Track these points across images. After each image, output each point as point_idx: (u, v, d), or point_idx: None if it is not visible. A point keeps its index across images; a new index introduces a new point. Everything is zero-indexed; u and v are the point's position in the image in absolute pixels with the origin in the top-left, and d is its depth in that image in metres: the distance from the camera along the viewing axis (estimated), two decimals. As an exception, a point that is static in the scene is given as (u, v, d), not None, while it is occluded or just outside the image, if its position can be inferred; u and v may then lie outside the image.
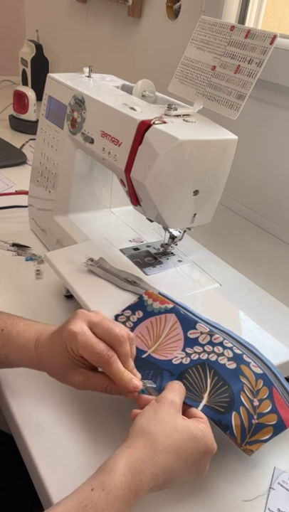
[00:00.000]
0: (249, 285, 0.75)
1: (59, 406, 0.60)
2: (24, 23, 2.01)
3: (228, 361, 0.56)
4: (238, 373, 0.55)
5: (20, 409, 0.59)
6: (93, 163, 0.83)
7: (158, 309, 0.63)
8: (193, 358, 0.57)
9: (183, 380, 0.54)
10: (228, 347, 0.57)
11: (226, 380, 0.54)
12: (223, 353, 0.57)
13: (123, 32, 1.34)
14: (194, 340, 0.59)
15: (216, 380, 0.54)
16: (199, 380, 0.54)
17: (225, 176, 0.66)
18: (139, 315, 0.62)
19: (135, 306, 0.63)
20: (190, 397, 0.53)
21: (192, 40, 0.71)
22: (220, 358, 0.56)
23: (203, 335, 0.59)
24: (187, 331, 0.60)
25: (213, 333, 0.59)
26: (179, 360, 0.57)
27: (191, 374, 0.55)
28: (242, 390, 0.53)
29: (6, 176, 1.18)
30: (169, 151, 0.59)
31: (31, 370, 0.64)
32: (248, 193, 0.91)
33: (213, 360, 0.56)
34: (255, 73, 0.62)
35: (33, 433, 0.56)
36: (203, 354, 0.57)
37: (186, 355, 0.57)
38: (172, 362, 0.57)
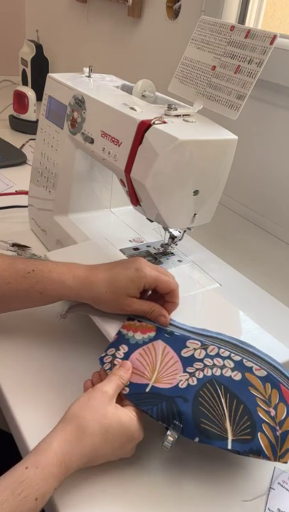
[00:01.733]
0: (249, 285, 0.75)
1: (59, 406, 0.60)
2: (24, 23, 2.00)
3: (232, 372, 0.55)
4: (247, 385, 0.54)
5: (20, 409, 0.59)
6: (93, 163, 0.83)
7: (142, 340, 0.60)
8: (198, 377, 0.55)
9: (200, 406, 0.53)
10: (226, 356, 0.57)
11: (239, 397, 0.53)
12: (224, 364, 0.56)
13: (123, 32, 1.34)
14: (191, 357, 0.57)
15: (229, 397, 0.53)
16: (214, 402, 0.53)
17: (225, 176, 0.66)
18: (124, 349, 0.59)
19: (117, 341, 0.60)
20: (215, 432, 0.51)
21: (192, 40, 0.71)
22: (224, 371, 0.55)
23: (197, 350, 0.58)
24: (180, 351, 0.58)
25: (206, 346, 0.58)
26: (185, 383, 0.55)
27: (204, 397, 0.53)
28: (257, 405, 0.53)
29: (6, 176, 1.18)
30: (169, 151, 0.59)
31: (30, 371, 0.64)
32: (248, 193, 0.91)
33: (218, 375, 0.55)
34: (255, 73, 0.62)
35: (33, 433, 0.56)
36: (207, 370, 0.55)
37: (189, 375, 0.55)
38: (179, 387, 0.54)
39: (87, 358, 0.67)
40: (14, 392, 0.61)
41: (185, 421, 0.52)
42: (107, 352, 0.59)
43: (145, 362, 0.57)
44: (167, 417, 0.52)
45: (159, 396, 0.54)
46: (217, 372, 0.55)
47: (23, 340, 0.69)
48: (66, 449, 0.48)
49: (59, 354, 0.68)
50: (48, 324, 0.73)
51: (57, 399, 0.61)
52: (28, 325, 0.72)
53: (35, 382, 0.63)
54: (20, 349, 0.68)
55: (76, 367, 0.66)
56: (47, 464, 0.46)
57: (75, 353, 0.68)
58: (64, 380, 0.64)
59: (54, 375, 0.64)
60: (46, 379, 0.64)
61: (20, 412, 0.58)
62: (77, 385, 0.63)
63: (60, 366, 0.66)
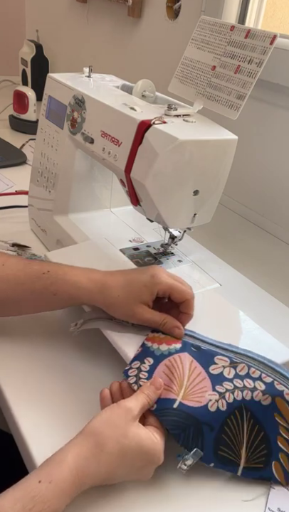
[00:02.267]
0: (249, 285, 0.75)
1: (59, 406, 0.60)
2: (24, 23, 2.00)
3: (262, 396, 0.53)
4: (274, 411, 0.53)
5: (20, 409, 0.59)
6: (93, 163, 0.83)
7: (167, 351, 0.57)
8: (228, 400, 0.53)
9: (223, 435, 0.52)
10: (257, 377, 0.54)
11: (262, 424, 0.53)
12: (255, 386, 0.54)
13: (123, 32, 1.34)
14: (220, 376, 0.55)
15: (252, 424, 0.53)
16: (237, 429, 0.53)
17: (225, 176, 0.66)
18: (150, 362, 0.56)
19: (142, 354, 0.57)
20: (227, 459, 0.52)
21: (192, 40, 0.71)
22: (255, 394, 0.53)
23: (226, 368, 0.55)
24: (208, 368, 0.55)
25: (235, 364, 0.55)
26: (215, 404, 0.53)
27: (229, 425, 0.53)
28: (278, 434, 0.52)
29: (6, 176, 1.18)
30: (169, 151, 0.59)
31: (30, 371, 0.64)
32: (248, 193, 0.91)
33: (248, 399, 0.53)
34: (255, 73, 0.62)
35: (33, 433, 0.56)
36: (237, 393, 0.53)
37: (219, 395, 0.53)
38: (208, 408, 0.52)
39: (88, 360, 0.67)
40: (14, 392, 0.61)
41: (206, 449, 0.52)
42: (131, 365, 0.57)
43: (172, 375, 0.55)
44: (191, 443, 0.52)
45: (187, 417, 0.52)
46: (248, 395, 0.53)
47: (24, 341, 0.69)
48: (81, 465, 0.46)
49: (60, 355, 0.67)
50: (49, 325, 0.73)
51: (57, 399, 0.61)
52: (30, 326, 0.72)
53: (36, 383, 0.63)
54: (21, 350, 0.68)
55: (77, 368, 0.66)
56: (60, 479, 0.44)
57: (76, 354, 0.68)
58: (64, 381, 0.64)
59: (54, 375, 0.64)
60: (46, 379, 0.64)
61: (21, 412, 0.58)
62: (78, 385, 0.63)
63: (60, 367, 0.66)
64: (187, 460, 0.51)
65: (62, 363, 0.66)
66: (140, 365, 0.56)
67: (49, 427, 0.57)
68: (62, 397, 0.61)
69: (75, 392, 0.62)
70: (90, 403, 0.60)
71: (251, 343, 0.60)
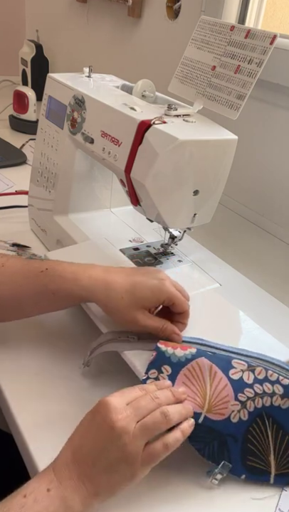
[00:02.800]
0: (249, 285, 0.75)
1: (59, 406, 0.60)
2: (24, 23, 2.00)
3: (281, 400, 0.53)
4: None
5: (20, 409, 0.59)
6: (93, 163, 0.83)
7: (184, 357, 0.55)
8: (249, 410, 0.53)
9: (248, 444, 0.52)
10: (274, 380, 0.54)
11: (285, 428, 0.53)
12: (274, 391, 0.54)
13: (123, 32, 1.34)
14: (240, 381, 0.54)
15: (276, 429, 0.53)
16: (261, 437, 0.53)
17: (225, 176, 0.66)
18: (168, 371, 0.54)
19: (157, 361, 0.55)
20: (258, 468, 0.52)
21: (192, 40, 0.71)
22: (274, 399, 0.53)
23: (245, 372, 0.54)
24: (228, 371, 0.54)
25: (253, 368, 0.54)
26: (237, 416, 0.53)
27: (253, 434, 0.53)
28: None
29: (6, 176, 1.18)
30: (169, 151, 0.59)
31: (30, 371, 0.64)
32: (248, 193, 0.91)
33: (268, 405, 0.53)
34: (255, 73, 0.62)
35: (33, 433, 0.56)
36: (258, 400, 0.53)
37: (241, 405, 0.53)
38: (231, 420, 0.52)
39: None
40: (14, 392, 0.61)
41: (234, 461, 0.52)
42: (148, 374, 0.54)
43: (194, 385, 0.53)
44: (217, 456, 0.52)
45: (211, 431, 0.52)
46: (267, 402, 0.53)
47: (23, 342, 0.69)
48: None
49: (59, 354, 0.68)
50: (48, 325, 0.73)
51: (57, 399, 0.61)
52: (30, 326, 0.72)
53: (36, 383, 0.63)
54: (21, 350, 0.68)
55: (76, 367, 0.66)
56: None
57: (75, 354, 0.68)
58: (64, 381, 0.64)
59: (54, 375, 0.64)
60: (46, 379, 0.64)
61: (21, 412, 0.58)
62: (78, 385, 0.63)
63: (60, 366, 0.66)
64: (217, 474, 0.51)
65: (62, 363, 0.66)
66: (158, 374, 0.54)
67: (49, 427, 0.57)
68: (62, 397, 0.61)
69: (75, 392, 0.62)
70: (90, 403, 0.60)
71: (251, 343, 0.60)
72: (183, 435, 0.49)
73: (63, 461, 0.47)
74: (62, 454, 0.48)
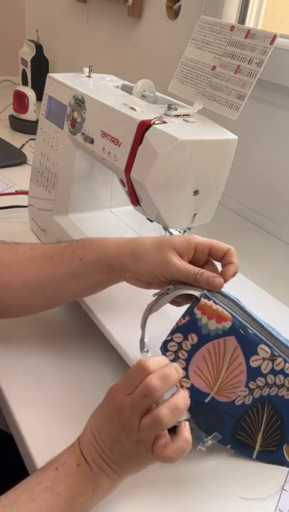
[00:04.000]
0: (249, 285, 0.75)
1: (59, 406, 0.60)
2: (24, 23, 2.01)
3: (287, 391, 0.53)
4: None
5: (20, 409, 0.59)
6: (93, 163, 0.83)
7: (215, 331, 0.52)
8: (255, 396, 0.53)
9: (242, 422, 0.53)
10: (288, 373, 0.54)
11: (281, 414, 0.54)
12: (284, 383, 0.53)
13: (123, 32, 1.34)
14: (257, 370, 0.52)
15: (272, 415, 0.54)
16: (257, 418, 0.54)
17: (225, 176, 0.66)
18: (193, 340, 0.52)
19: (187, 327, 0.52)
20: (244, 442, 0.54)
21: (192, 40, 0.71)
22: (280, 391, 0.53)
23: (265, 361, 0.53)
24: (249, 358, 0.52)
25: (274, 357, 0.53)
26: (242, 400, 0.53)
27: (250, 414, 0.53)
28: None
29: (6, 176, 1.18)
30: (169, 151, 0.59)
31: (31, 371, 0.64)
32: (248, 193, 0.91)
33: (273, 394, 0.53)
34: (255, 73, 0.62)
35: (33, 433, 0.56)
36: (265, 389, 0.53)
37: (248, 392, 0.53)
38: (235, 403, 0.53)
39: (88, 359, 0.67)
40: (14, 392, 0.61)
41: (225, 433, 0.53)
42: (173, 337, 0.52)
43: (212, 364, 0.52)
44: (211, 429, 0.53)
45: (214, 410, 0.52)
46: (273, 392, 0.53)
47: (23, 341, 0.69)
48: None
49: (59, 354, 0.68)
50: (49, 325, 0.73)
51: (57, 399, 0.61)
52: (30, 326, 0.72)
53: (36, 383, 0.63)
54: (21, 350, 0.68)
55: (77, 368, 0.66)
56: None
57: (75, 353, 0.68)
58: (64, 381, 0.64)
59: (54, 375, 0.64)
60: (46, 379, 0.64)
61: (21, 412, 0.58)
62: (78, 385, 0.63)
63: (60, 367, 0.66)
64: (206, 442, 0.52)
65: (62, 363, 0.66)
66: (182, 340, 0.52)
67: (49, 426, 0.57)
68: (62, 397, 0.61)
69: (74, 392, 0.62)
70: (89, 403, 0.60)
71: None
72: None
73: (88, 439, 0.48)
74: (85, 432, 0.49)
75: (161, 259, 0.54)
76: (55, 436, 0.56)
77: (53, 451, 0.49)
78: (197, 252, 0.55)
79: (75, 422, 0.51)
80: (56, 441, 0.49)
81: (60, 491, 0.45)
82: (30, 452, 0.54)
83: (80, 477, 0.46)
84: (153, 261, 0.54)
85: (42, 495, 0.44)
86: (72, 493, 0.45)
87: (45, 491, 0.44)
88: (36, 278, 0.60)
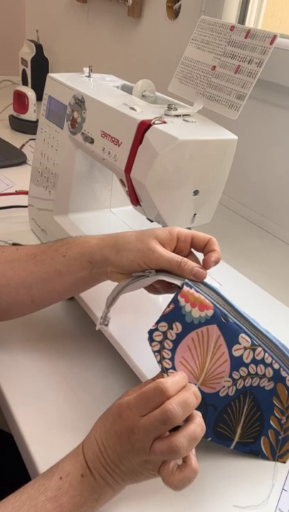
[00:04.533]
0: (249, 285, 0.75)
1: (59, 406, 0.60)
2: (24, 23, 2.01)
3: (267, 382, 0.54)
4: (273, 394, 0.54)
5: (20, 409, 0.59)
6: (93, 163, 0.83)
7: (198, 319, 0.52)
8: (238, 387, 0.53)
9: (224, 414, 0.54)
10: (268, 363, 0.54)
11: (261, 406, 0.54)
12: (265, 373, 0.54)
13: (123, 32, 1.34)
14: (239, 359, 0.53)
15: (252, 406, 0.54)
16: (238, 410, 0.54)
17: (225, 176, 0.66)
18: (178, 329, 0.52)
19: (171, 315, 0.52)
20: (224, 434, 0.54)
21: (192, 40, 0.71)
22: (261, 381, 0.54)
23: (246, 350, 0.53)
24: (232, 347, 0.53)
25: (255, 347, 0.54)
26: (225, 391, 0.53)
27: (232, 407, 0.54)
28: (272, 414, 0.54)
29: (6, 176, 1.18)
30: (169, 151, 0.59)
31: (31, 371, 0.64)
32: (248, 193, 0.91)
33: (255, 385, 0.54)
34: (255, 73, 0.62)
35: (33, 433, 0.56)
36: (248, 380, 0.54)
37: (232, 382, 0.53)
38: (219, 395, 0.53)
39: (88, 360, 0.67)
40: (14, 392, 0.61)
41: (207, 425, 0.52)
42: (158, 326, 0.52)
43: (196, 354, 0.52)
44: None
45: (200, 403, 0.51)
46: (255, 382, 0.54)
47: (23, 341, 0.69)
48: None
49: (59, 354, 0.68)
50: (48, 325, 0.73)
51: (57, 400, 0.61)
52: (29, 325, 0.72)
53: (36, 383, 0.63)
54: (21, 350, 0.68)
55: (77, 368, 0.66)
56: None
57: (74, 353, 0.68)
58: (64, 381, 0.64)
59: (54, 375, 0.64)
60: (46, 380, 0.64)
61: (21, 412, 0.58)
62: (78, 386, 0.63)
63: (60, 366, 0.66)
64: None
65: (62, 363, 0.66)
66: (167, 329, 0.52)
67: (49, 427, 0.57)
68: (63, 397, 0.61)
69: (75, 392, 0.62)
70: (90, 403, 0.60)
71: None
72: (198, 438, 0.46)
73: (93, 450, 0.47)
74: (90, 442, 0.47)
75: (143, 247, 0.54)
76: (55, 436, 0.56)
77: (53, 451, 0.49)
78: (180, 242, 0.56)
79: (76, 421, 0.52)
80: (56, 441, 0.50)
81: (64, 503, 0.44)
82: (30, 452, 0.54)
83: (84, 488, 0.46)
84: (135, 249, 0.54)
85: (45, 505, 0.44)
86: (74, 504, 0.45)
87: (49, 501, 0.44)
88: (20, 277, 0.60)
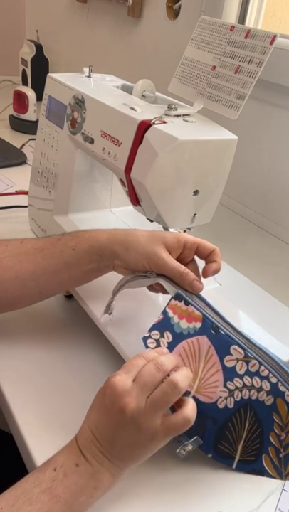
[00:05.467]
0: (249, 285, 0.75)
1: (59, 405, 0.60)
2: (24, 23, 2.01)
3: (266, 396, 0.53)
4: (273, 410, 0.53)
5: (20, 409, 0.59)
6: (93, 163, 0.83)
7: (187, 330, 0.55)
8: (236, 399, 0.53)
9: (225, 430, 0.53)
10: (264, 376, 0.53)
11: (261, 422, 0.53)
12: (262, 386, 0.53)
13: (123, 32, 1.34)
14: (232, 370, 0.53)
15: (253, 422, 0.53)
16: (239, 427, 0.53)
17: (225, 176, 0.66)
18: (169, 338, 0.55)
19: (161, 324, 0.55)
20: (226, 452, 0.53)
21: (192, 40, 0.71)
22: (260, 395, 0.53)
23: (239, 362, 0.54)
24: (223, 358, 0.54)
25: (249, 359, 0.54)
26: (224, 402, 0.53)
27: (233, 422, 0.53)
28: (272, 430, 0.53)
29: (6, 176, 1.18)
30: (169, 151, 0.59)
31: (30, 370, 0.64)
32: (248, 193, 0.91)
33: (254, 399, 0.53)
34: (255, 73, 0.62)
35: (33, 433, 0.56)
36: (245, 392, 0.53)
37: (228, 393, 0.53)
38: (217, 405, 0.53)
39: (88, 359, 0.67)
40: (14, 392, 0.61)
41: (206, 439, 0.53)
42: (151, 334, 0.55)
43: (188, 362, 0.54)
44: (193, 431, 0.52)
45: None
46: (254, 395, 0.53)
47: (23, 340, 0.69)
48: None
49: (59, 354, 0.68)
50: (48, 324, 0.73)
51: (57, 399, 0.61)
52: (28, 325, 0.72)
53: (36, 383, 0.63)
54: (21, 350, 0.68)
55: (77, 367, 0.66)
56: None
57: (74, 353, 0.68)
58: (64, 381, 0.64)
59: (54, 375, 0.64)
60: (46, 379, 0.64)
61: (21, 412, 0.58)
62: (78, 385, 0.63)
63: (60, 367, 0.66)
64: (187, 446, 0.51)
65: (62, 364, 0.66)
66: (160, 337, 0.55)
67: (49, 427, 0.57)
68: (63, 397, 0.61)
69: (75, 391, 0.62)
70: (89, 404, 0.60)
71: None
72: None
73: (86, 436, 0.48)
74: (83, 430, 0.49)
75: (150, 251, 0.57)
76: (55, 436, 0.56)
77: (52, 451, 0.49)
78: (185, 249, 0.58)
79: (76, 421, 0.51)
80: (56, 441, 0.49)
81: (59, 493, 0.44)
82: (30, 452, 0.54)
83: (80, 477, 0.46)
84: (143, 252, 0.57)
85: (40, 497, 0.44)
86: (71, 494, 0.45)
87: (44, 493, 0.44)
88: (28, 270, 0.61)
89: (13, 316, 0.70)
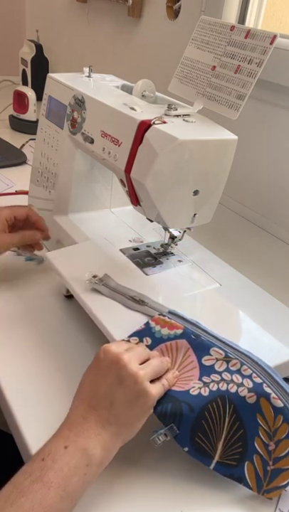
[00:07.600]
0: (249, 285, 0.75)
1: (59, 405, 0.60)
2: (24, 23, 2.01)
3: (248, 393, 0.51)
4: (257, 411, 0.51)
5: (20, 409, 0.59)
6: (93, 163, 0.83)
7: (167, 335, 0.57)
8: (212, 389, 0.52)
9: (202, 420, 0.51)
10: (247, 375, 0.53)
11: (243, 421, 0.51)
12: (243, 382, 0.52)
13: (123, 32, 1.34)
14: (210, 367, 0.54)
15: (234, 419, 0.51)
16: (218, 420, 0.51)
17: (225, 176, 0.66)
18: (147, 342, 0.57)
19: (142, 332, 0.58)
20: (203, 448, 0.52)
21: (192, 40, 0.71)
22: (240, 390, 0.52)
23: (219, 361, 0.54)
24: (201, 358, 0.55)
25: (229, 359, 0.54)
26: (197, 390, 0.52)
27: (210, 412, 0.52)
28: (257, 435, 0.51)
29: (6, 176, 1.18)
30: (169, 151, 0.59)
31: (31, 370, 0.64)
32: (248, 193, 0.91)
33: (233, 391, 0.52)
34: (255, 73, 0.62)
35: (33, 433, 0.56)
36: (222, 384, 0.52)
37: (203, 384, 0.53)
38: (190, 393, 0.52)
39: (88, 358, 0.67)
40: (14, 392, 0.61)
41: (183, 429, 0.52)
42: (130, 340, 0.58)
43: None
44: (168, 417, 0.52)
45: (167, 397, 0.52)
46: (232, 389, 0.52)
47: (23, 340, 0.69)
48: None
49: (59, 354, 0.68)
50: (47, 324, 0.73)
51: (57, 399, 0.61)
52: (28, 325, 0.72)
53: (36, 383, 0.63)
54: (21, 349, 0.68)
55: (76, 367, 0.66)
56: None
57: (74, 352, 0.68)
58: (64, 381, 0.64)
59: (54, 375, 0.64)
60: (46, 379, 0.64)
61: (21, 412, 0.58)
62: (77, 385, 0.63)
63: (60, 366, 0.66)
64: (161, 435, 0.51)
65: (62, 364, 0.66)
66: (138, 342, 0.57)
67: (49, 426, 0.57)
68: (63, 398, 0.61)
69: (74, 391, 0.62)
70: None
71: (251, 343, 0.60)
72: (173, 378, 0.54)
73: (77, 414, 0.49)
74: (73, 410, 0.50)
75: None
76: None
77: (53, 451, 0.49)
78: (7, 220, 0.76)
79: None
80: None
81: (50, 478, 0.45)
82: (30, 452, 0.54)
83: (71, 457, 0.46)
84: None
85: (32, 487, 0.44)
86: (63, 476, 0.45)
87: (35, 482, 0.44)
88: None
89: (14, 316, 0.70)
